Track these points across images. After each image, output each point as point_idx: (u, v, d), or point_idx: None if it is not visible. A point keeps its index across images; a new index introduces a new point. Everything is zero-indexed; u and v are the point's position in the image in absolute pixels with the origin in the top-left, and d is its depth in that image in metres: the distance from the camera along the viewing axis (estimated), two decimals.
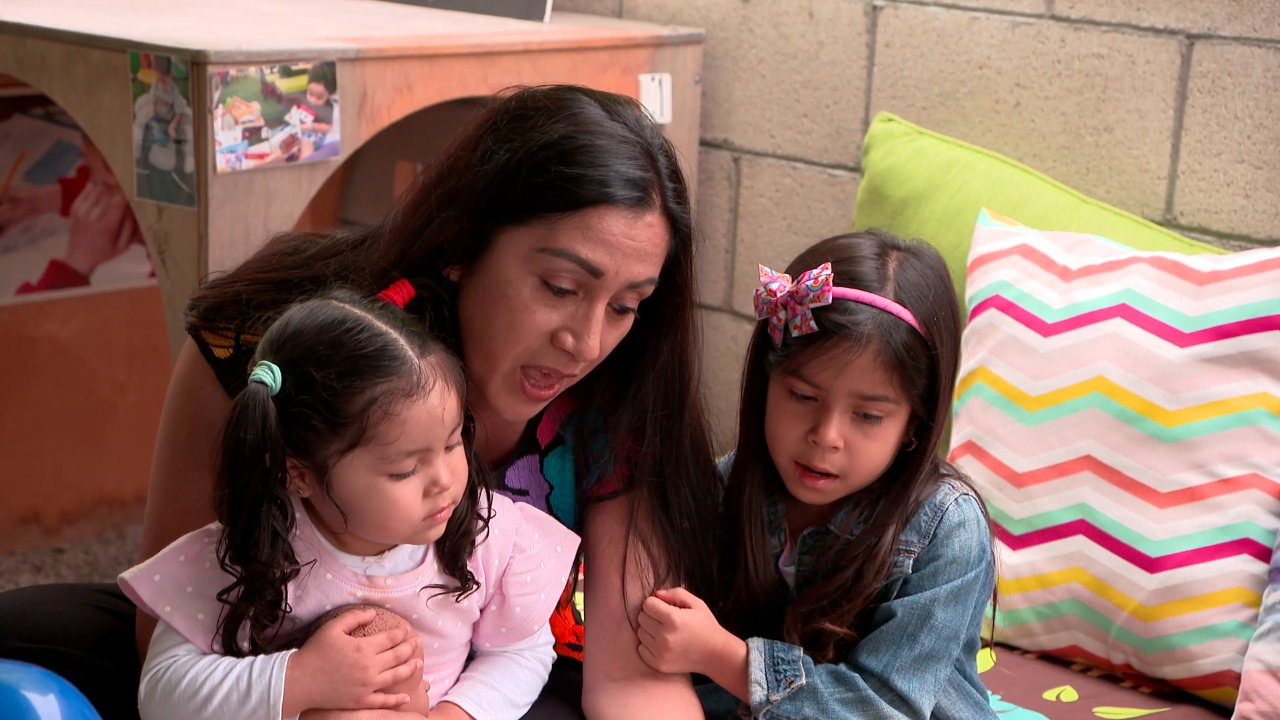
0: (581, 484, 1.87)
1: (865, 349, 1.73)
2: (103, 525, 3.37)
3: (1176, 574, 2.26)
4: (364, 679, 1.63)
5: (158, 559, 1.66)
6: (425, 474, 1.61)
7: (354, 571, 1.66)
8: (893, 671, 1.77)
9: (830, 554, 1.81)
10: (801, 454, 1.78)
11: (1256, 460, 2.27)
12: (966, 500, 1.81)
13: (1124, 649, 2.30)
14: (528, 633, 1.77)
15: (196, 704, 1.61)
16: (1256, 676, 2.16)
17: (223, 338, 1.77)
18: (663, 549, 1.82)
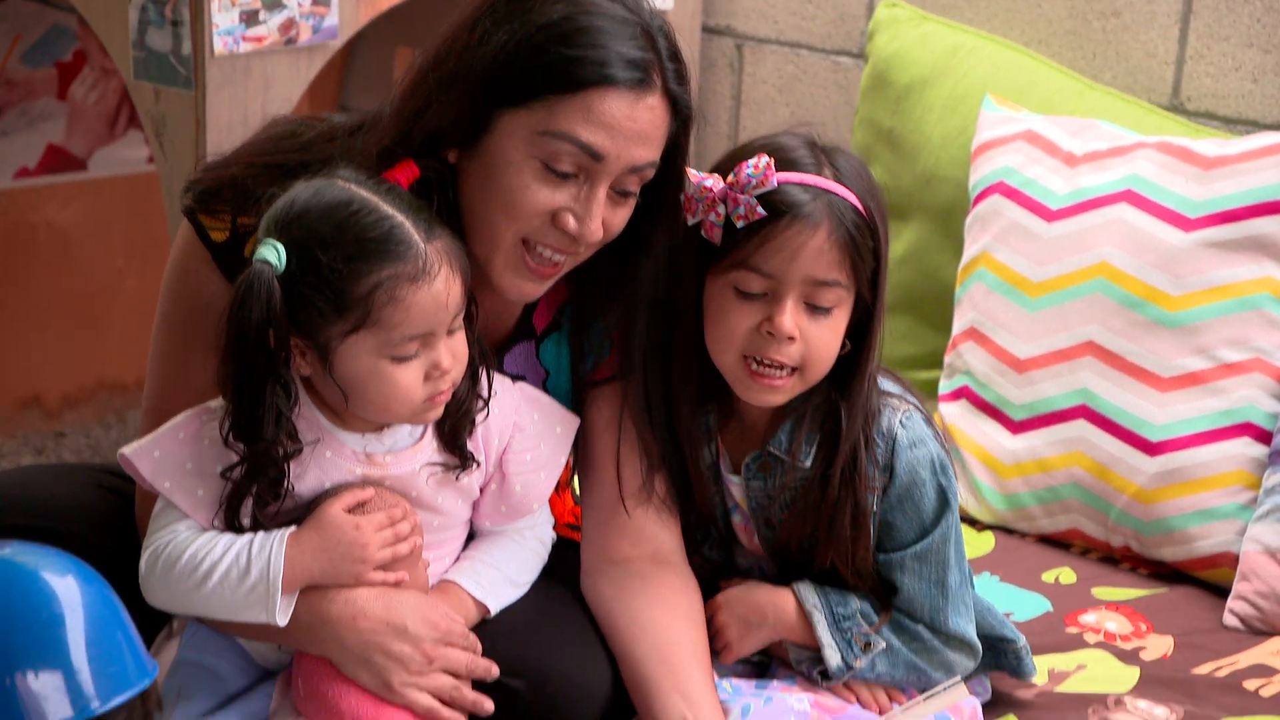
0: (577, 370, 1.86)
1: (818, 229, 1.71)
2: (103, 410, 3.38)
3: (1177, 457, 2.26)
4: (363, 556, 1.63)
5: (157, 435, 1.66)
6: (427, 357, 1.61)
7: (353, 449, 1.66)
8: (941, 621, 1.79)
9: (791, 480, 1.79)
10: (754, 348, 1.74)
11: (1260, 344, 2.27)
12: (910, 418, 1.79)
13: (1123, 532, 2.31)
14: (527, 511, 1.77)
15: (196, 580, 1.61)
16: (1254, 557, 2.17)
17: (219, 221, 1.76)
18: (656, 437, 1.82)
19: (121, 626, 1.28)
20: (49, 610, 1.26)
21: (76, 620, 1.26)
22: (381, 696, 1.64)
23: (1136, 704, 1.94)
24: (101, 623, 1.27)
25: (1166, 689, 1.98)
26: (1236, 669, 2.04)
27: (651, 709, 1.69)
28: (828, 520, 1.77)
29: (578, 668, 1.72)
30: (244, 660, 1.73)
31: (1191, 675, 2.02)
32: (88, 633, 1.26)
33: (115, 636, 1.27)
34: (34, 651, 1.23)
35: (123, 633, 1.28)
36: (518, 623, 1.74)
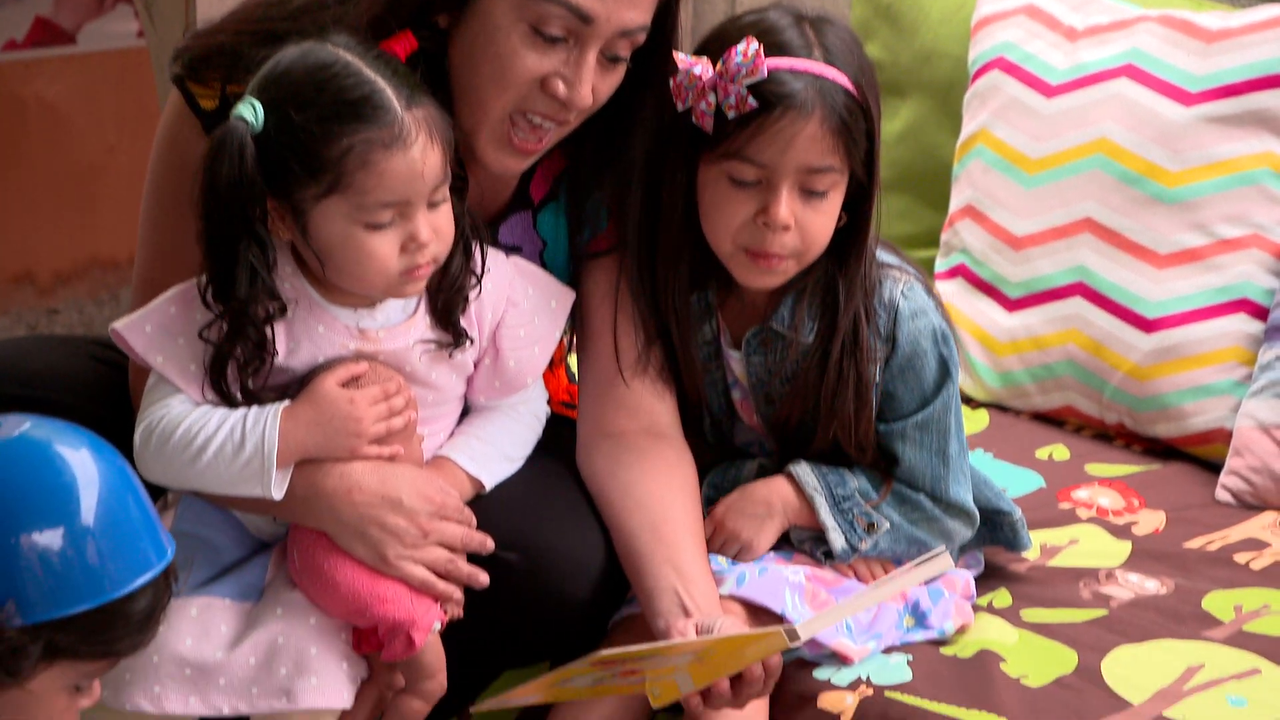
0: (575, 241, 1.85)
1: (810, 117, 1.68)
2: (96, 287, 3.37)
3: (1173, 334, 2.26)
4: (358, 430, 1.63)
5: (149, 309, 1.65)
6: (403, 228, 1.59)
7: (345, 324, 1.65)
8: (942, 489, 1.79)
9: (793, 355, 1.79)
10: (750, 240, 1.73)
11: (1258, 220, 2.25)
12: (911, 288, 1.78)
13: (1117, 409, 2.32)
14: (521, 386, 1.77)
15: (191, 454, 1.61)
16: (1248, 433, 2.18)
17: (208, 89, 1.74)
18: (653, 309, 1.82)
19: (139, 503, 1.27)
20: (69, 491, 1.24)
21: (96, 500, 1.24)
22: (377, 569, 1.64)
23: (1128, 577, 1.95)
24: (118, 501, 1.26)
25: (1157, 563, 1.99)
26: (1228, 543, 2.06)
27: (644, 581, 1.70)
28: (830, 394, 1.77)
29: (572, 541, 1.73)
30: (239, 532, 1.73)
31: (1183, 549, 2.03)
32: (108, 513, 1.24)
33: (132, 515, 1.26)
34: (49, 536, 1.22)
35: (140, 510, 1.27)
36: (512, 497, 1.75)
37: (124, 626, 1.24)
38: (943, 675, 1.72)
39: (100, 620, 1.23)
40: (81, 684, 1.26)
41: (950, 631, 1.80)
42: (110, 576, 1.23)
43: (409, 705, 1.67)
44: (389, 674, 1.66)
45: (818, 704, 1.70)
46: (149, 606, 1.25)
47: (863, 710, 1.68)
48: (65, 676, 1.24)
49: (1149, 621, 1.84)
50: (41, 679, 1.23)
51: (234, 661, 1.61)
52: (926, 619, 1.79)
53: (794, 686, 1.73)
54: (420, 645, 1.62)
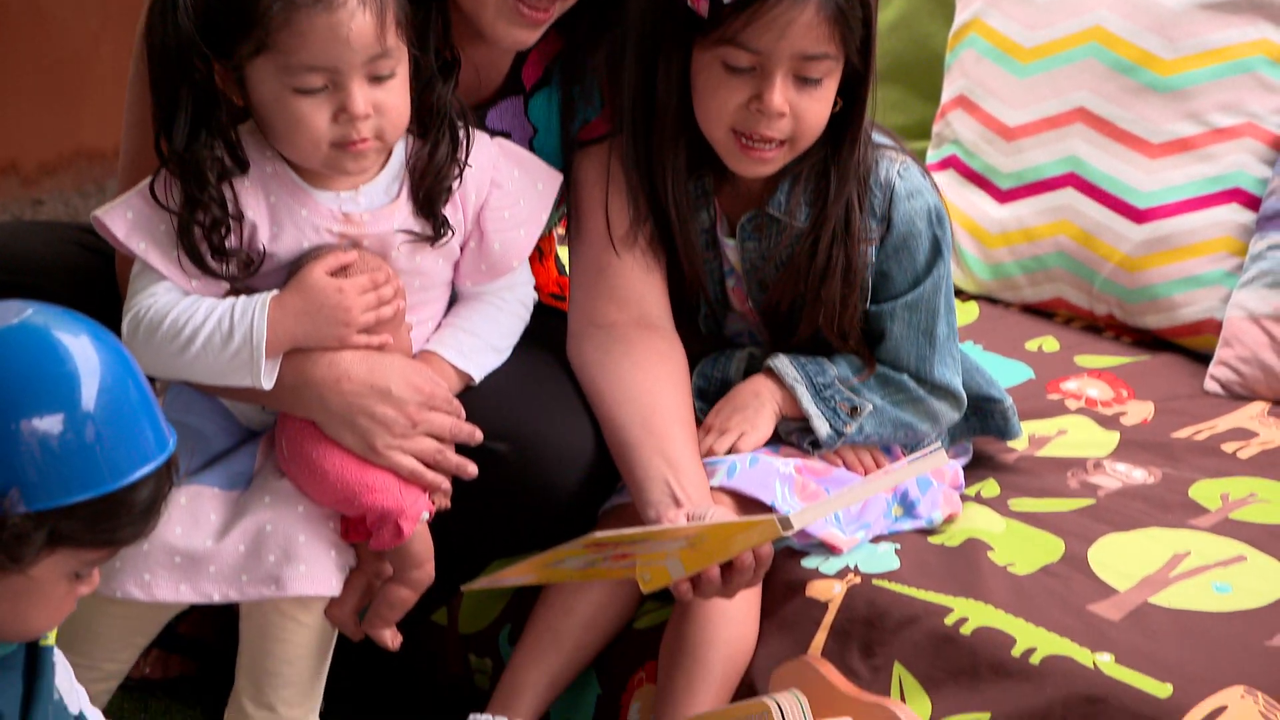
0: (567, 128, 1.84)
1: (807, 4, 1.67)
2: (82, 178, 3.35)
3: (1164, 224, 2.26)
4: (347, 319, 1.62)
5: (130, 195, 1.64)
6: (336, 97, 1.57)
7: (329, 207, 1.64)
8: (927, 370, 1.79)
9: (786, 240, 1.79)
10: (743, 124, 1.72)
11: (1253, 109, 2.24)
12: (907, 170, 1.78)
13: (1107, 300, 2.31)
14: (507, 269, 1.75)
15: (179, 345, 1.60)
16: (1238, 323, 2.18)
17: None
18: (644, 192, 1.80)
19: (140, 392, 1.26)
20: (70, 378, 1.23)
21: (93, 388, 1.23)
22: (365, 459, 1.65)
23: (1115, 467, 1.96)
24: (119, 389, 1.24)
25: (1145, 452, 2.00)
26: (1215, 433, 2.06)
27: (635, 472, 1.71)
28: (819, 279, 1.77)
29: (560, 431, 1.73)
30: (228, 421, 1.73)
31: (1170, 439, 2.04)
32: (105, 401, 1.23)
33: (134, 404, 1.25)
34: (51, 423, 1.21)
35: (141, 399, 1.26)
36: (501, 388, 1.74)
37: (127, 515, 1.24)
38: (930, 564, 1.73)
39: (103, 509, 1.23)
40: (82, 571, 1.26)
41: (938, 521, 1.80)
42: (113, 465, 1.22)
43: (397, 594, 1.68)
44: (377, 563, 1.67)
45: (806, 592, 1.71)
46: (151, 496, 1.25)
47: (850, 598, 1.69)
48: (67, 564, 1.25)
49: (1136, 510, 1.84)
50: (43, 566, 1.23)
51: (223, 549, 1.62)
52: (915, 508, 1.80)
53: (782, 575, 1.74)
54: (408, 535, 1.63)
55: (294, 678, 1.67)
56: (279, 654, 1.67)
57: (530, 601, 1.79)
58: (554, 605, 1.76)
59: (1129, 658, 1.58)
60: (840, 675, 1.63)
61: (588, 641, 1.76)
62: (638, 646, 1.77)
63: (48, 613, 1.28)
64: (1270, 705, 1.56)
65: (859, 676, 1.65)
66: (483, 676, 1.85)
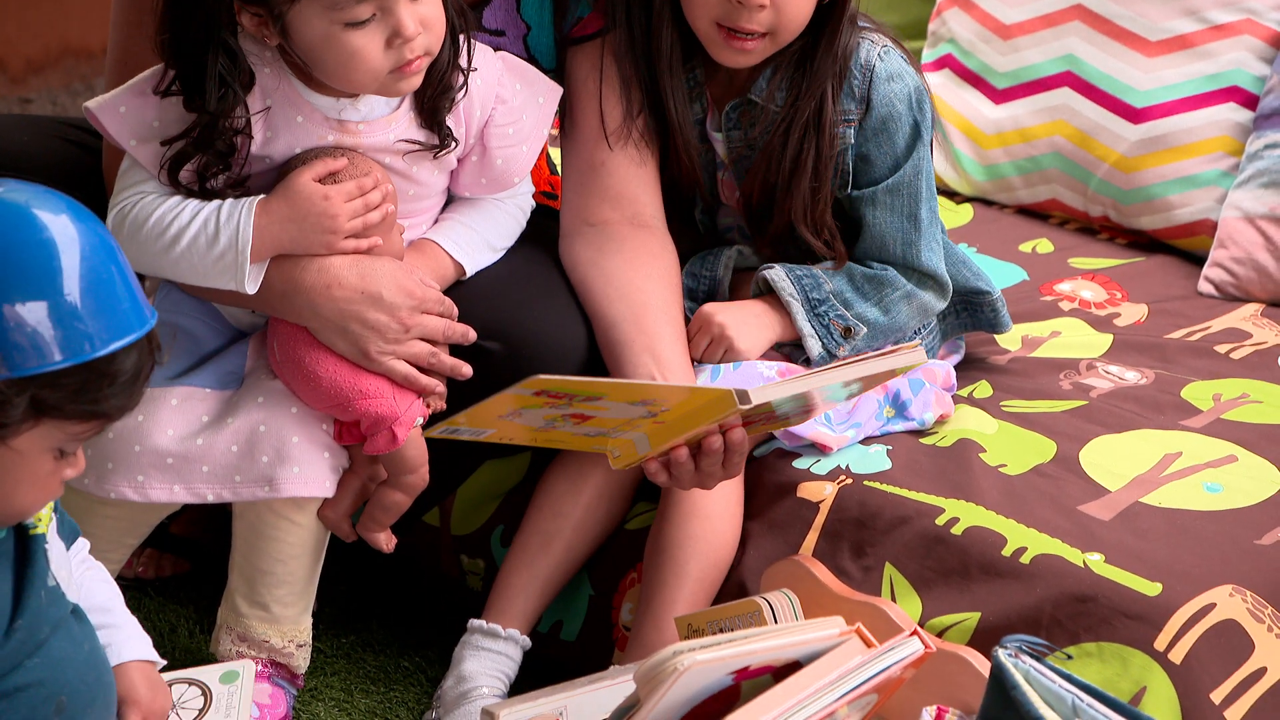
0: (559, 25, 1.82)
1: None
2: (69, 76, 3.32)
3: (1161, 124, 2.24)
4: (332, 227, 1.61)
5: (123, 90, 1.62)
6: (385, 23, 1.56)
7: (325, 115, 1.62)
8: (915, 257, 1.78)
9: (761, 127, 1.78)
10: (725, 16, 1.72)
11: (1251, 4, 2.23)
12: (887, 53, 1.78)
13: (1103, 201, 2.31)
14: (509, 184, 1.75)
15: (164, 244, 1.60)
16: (1233, 224, 2.17)
17: None
18: (637, 86, 1.79)
19: (120, 269, 1.26)
20: (50, 249, 1.23)
21: (78, 260, 1.24)
22: (359, 364, 1.64)
23: (1108, 368, 1.96)
24: (99, 265, 1.25)
25: (1139, 353, 2.00)
26: (1209, 333, 2.06)
27: (623, 369, 1.71)
28: (790, 168, 1.76)
29: (553, 329, 1.73)
30: (218, 321, 1.73)
31: (1164, 340, 2.04)
32: (91, 273, 1.24)
33: (113, 279, 1.25)
34: (29, 290, 1.21)
35: (121, 276, 1.26)
36: (493, 287, 1.74)
37: (109, 386, 1.25)
38: (922, 464, 1.74)
39: (86, 378, 1.23)
40: (67, 448, 1.27)
41: (930, 422, 1.81)
42: (94, 335, 1.23)
43: (391, 497, 1.68)
44: (371, 466, 1.67)
45: (797, 493, 1.72)
46: (134, 368, 1.26)
47: (842, 498, 1.70)
48: (51, 437, 1.25)
49: (1128, 412, 1.85)
50: (27, 438, 1.24)
51: (216, 449, 1.62)
52: (906, 409, 1.80)
53: (773, 476, 1.74)
54: (403, 440, 1.63)
55: (287, 577, 1.68)
56: (272, 553, 1.67)
57: (522, 503, 1.80)
58: (544, 508, 1.76)
59: (1119, 557, 1.59)
60: (831, 575, 1.64)
61: (578, 543, 1.77)
62: (629, 548, 1.78)
63: (34, 491, 1.28)
64: (1259, 603, 1.57)
65: (850, 577, 1.66)
66: (475, 578, 1.86)
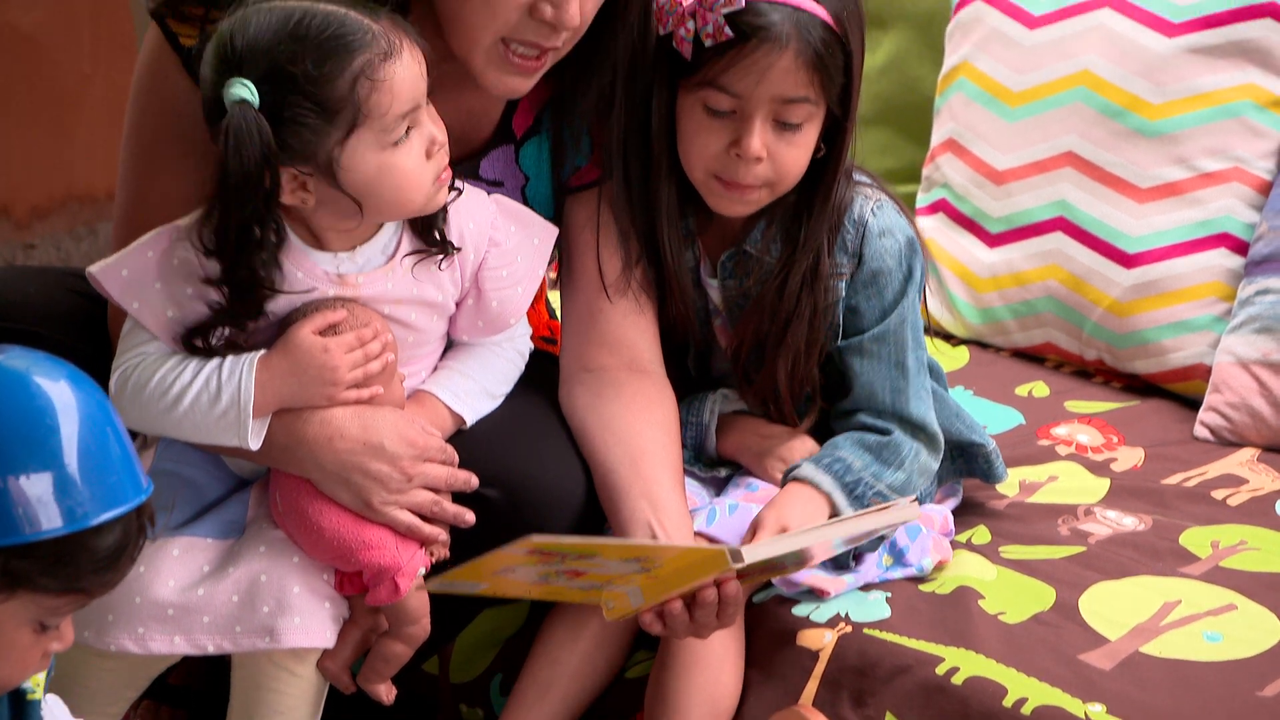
0: (558, 174, 1.84)
1: (785, 49, 1.69)
2: (74, 220, 3.35)
3: (1153, 269, 2.26)
4: (333, 379, 1.62)
5: (126, 253, 1.64)
6: (420, 135, 1.60)
7: (325, 270, 1.64)
8: (905, 406, 1.79)
9: (756, 277, 1.80)
10: (723, 169, 1.74)
11: (1239, 153, 2.25)
12: (880, 208, 1.80)
13: (1097, 345, 2.32)
14: (505, 326, 1.76)
15: (167, 404, 1.60)
16: (1227, 369, 2.18)
17: (189, 26, 1.72)
18: (636, 237, 1.81)
19: (117, 438, 1.26)
20: (44, 417, 1.23)
21: (71, 429, 1.24)
22: (362, 515, 1.64)
23: (1106, 514, 1.96)
24: (96, 433, 1.25)
25: (1136, 499, 2.00)
26: (1206, 479, 2.07)
27: (620, 514, 1.71)
28: (785, 320, 1.78)
29: (552, 476, 1.73)
30: (220, 469, 1.73)
31: (1161, 485, 2.04)
32: (82, 442, 1.24)
33: (109, 448, 1.25)
34: (26, 458, 1.21)
35: (118, 444, 1.26)
36: (493, 432, 1.74)
37: (88, 561, 1.23)
38: (921, 612, 1.73)
39: (63, 551, 1.21)
40: (47, 621, 1.25)
41: (929, 568, 1.81)
42: (79, 507, 1.21)
43: (392, 648, 1.67)
44: (372, 617, 1.67)
45: (797, 641, 1.71)
46: (117, 543, 1.24)
47: (842, 647, 1.69)
48: (27, 610, 1.23)
49: (1127, 558, 1.85)
50: (2, 609, 1.22)
51: (217, 599, 1.62)
52: (905, 556, 1.80)
53: (772, 624, 1.74)
54: (405, 591, 1.63)
55: None
56: (271, 704, 1.66)
57: (522, 651, 1.79)
58: (541, 657, 1.76)
59: (1120, 708, 1.58)
60: None
61: (575, 692, 1.76)
62: (628, 696, 1.77)
63: (12, 663, 1.26)
64: None
65: None
66: None
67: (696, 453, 1.87)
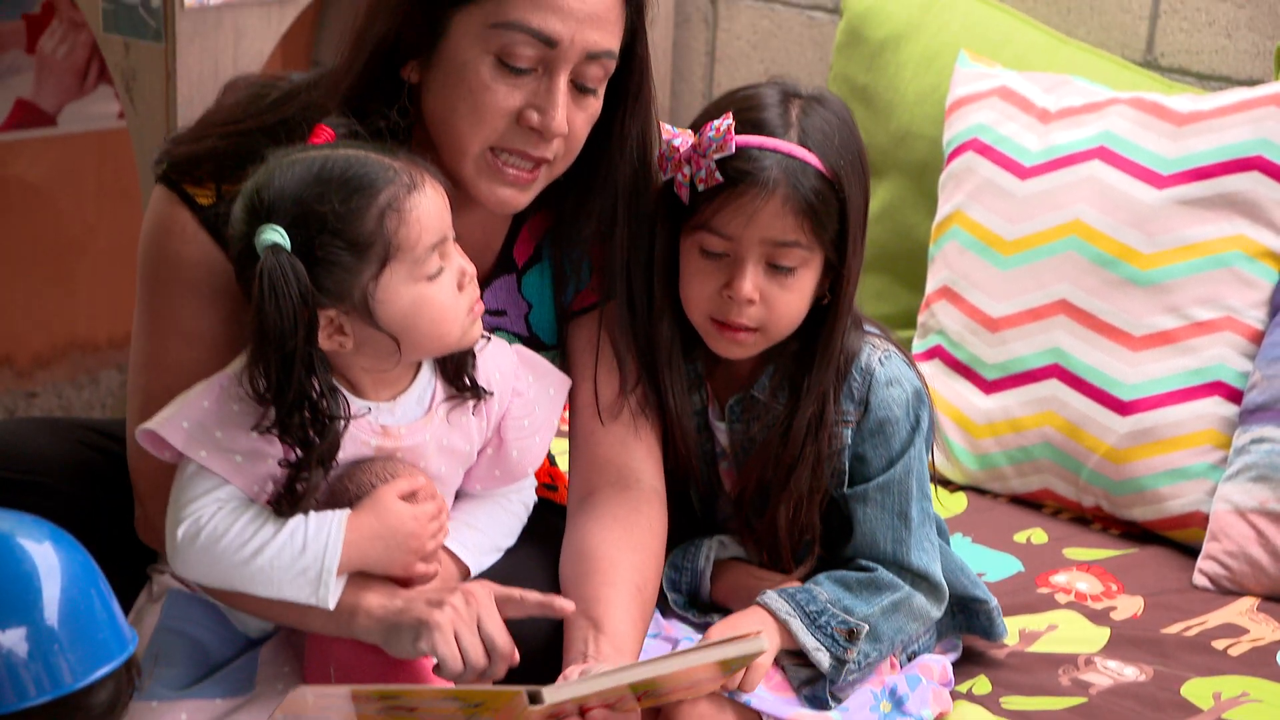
0: (559, 300, 1.85)
1: (773, 194, 1.72)
2: (75, 369, 3.35)
3: (1148, 417, 2.27)
4: (418, 549, 1.62)
5: (182, 405, 1.61)
6: (451, 268, 1.61)
7: (369, 421, 1.64)
8: (905, 554, 1.79)
9: (762, 423, 1.81)
10: (717, 310, 1.77)
11: (1231, 303, 2.27)
12: (888, 358, 1.82)
13: (1094, 492, 2.32)
14: (522, 475, 1.77)
15: (245, 555, 1.58)
16: (1224, 517, 2.18)
17: (204, 188, 1.73)
18: (632, 354, 1.81)
19: (101, 596, 1.26)
20: (29, 580, 1.23)
21: (54, 592, 1.23)
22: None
23: (1106, 664, 1.96)
24: (80, 593, 1.25)
25: (1136, 649, 1.99)
26: (1206, 628, 2.06)
27: (565, 630, 1.69)
28: (788, 466, 1.79)
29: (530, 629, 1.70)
30: (226, 629, 1.71)
31: (1161, 635, 2.03)
32: (65, 605, 1.24)
33: (94, 607, 1.25)
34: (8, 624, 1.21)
35: (102, 602, 1.26)
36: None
37: (83, 718, 1.23)
38: None
39: (58, 713, 1.22)
40: None
41: (929, 719, 1.79)
42: (69, 669, 1.22)
43: None
44: None
45: None
46: (109, 699, 1.24)
47: None
48: None
49: (1128, 709, 1.84)
50: None
51: None
52: (904, 705, 1.79)
53: None
54: None
55: None
56: None
57: None
58: None
59: None
60: None
61: None
62: None
63: None
64: None
65: None
66: None
67: (691, 598, 1.87)
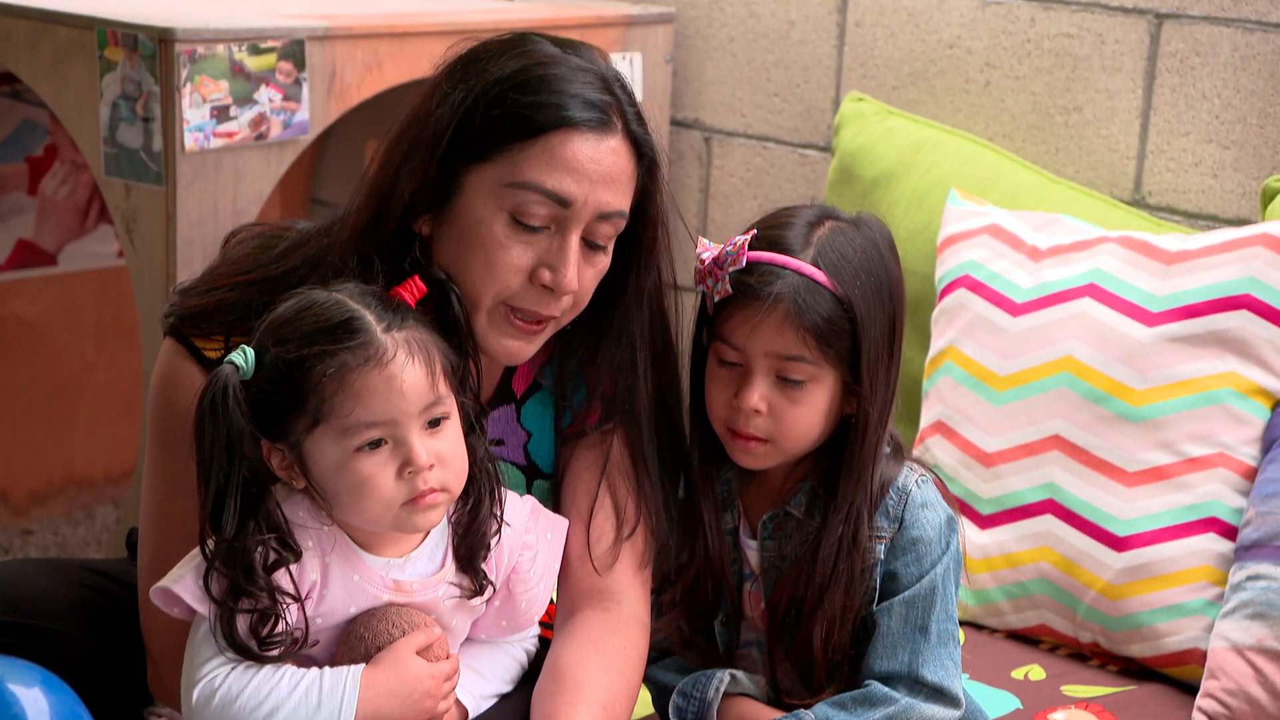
0: (558, 425, 1.86)
1: (774, 309, 1.75)
2: (71, 505, 3.34)
3: (1144, 553, 2.27)
4: (432, 709, 1.62)
5: (195, 563, 1.59)
6: (398, 452, 1.57)
7: (381, 575, 1.63)
8: (919, 667, 1.79)
9: (795, 541, 1.82)
10: (729, 419, 1.80)
11: (1223, 439, 2.28)
12: (925, 482, 1.84)
13: (1092, 628, 2.31)
14: (528, 624, 1.76)
15: (260, 715, 1.55)
16: (1222, 654, 2.17)
17: (212, 340, 1.74)
18: (632, 499, 1.81)
19: None
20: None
21: None
22: None
23: None
24: None
25: None
26: None
27: None
28: (819, 586, 1.79)
29: None
30: None
31: None
32: None
33: None
34: None
35: None
36: None
37: None
38: None
39: None
40: None
41: None
42: None
43: None
44: None
45: None
46: None
47: None
48: None
49: None
50: None
51: None
52: None
53: None
54: None
55: None
56: None
57: None
58: None
59: None
60: None
61: None
62: None
63: None
64: None
65: None
66: None
67: None
